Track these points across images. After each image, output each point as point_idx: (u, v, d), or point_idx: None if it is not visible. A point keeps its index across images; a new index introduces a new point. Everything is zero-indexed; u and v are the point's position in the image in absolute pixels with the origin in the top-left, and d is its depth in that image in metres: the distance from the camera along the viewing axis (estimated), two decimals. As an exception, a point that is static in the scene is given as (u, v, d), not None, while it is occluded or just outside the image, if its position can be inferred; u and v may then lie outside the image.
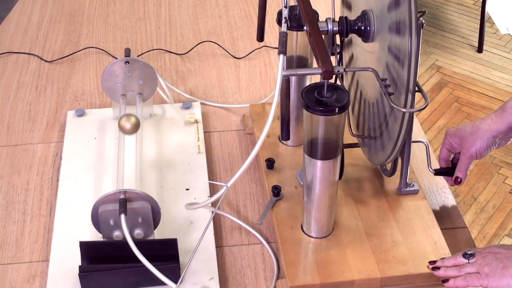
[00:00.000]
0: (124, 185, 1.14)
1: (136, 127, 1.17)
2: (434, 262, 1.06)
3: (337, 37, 1.13)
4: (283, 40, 0.98)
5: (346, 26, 1.10)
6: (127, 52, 1.30)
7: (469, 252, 1.02)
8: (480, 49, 3.22)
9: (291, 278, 1.05)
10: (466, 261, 1.02)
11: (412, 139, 1.14)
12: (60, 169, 1.29)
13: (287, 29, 1.06)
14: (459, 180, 1.18)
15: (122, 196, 1.06)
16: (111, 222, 1.06)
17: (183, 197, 1.22)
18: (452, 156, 1.22)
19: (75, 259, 1.10)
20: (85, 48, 1.65)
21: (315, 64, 1.10)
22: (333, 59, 1.08)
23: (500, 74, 3.07)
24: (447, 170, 1.22)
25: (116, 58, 1.53)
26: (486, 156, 1.18)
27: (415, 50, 0.97)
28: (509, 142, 1.19)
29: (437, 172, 1.22)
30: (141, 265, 1.03)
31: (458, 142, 1.18)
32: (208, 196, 1.23)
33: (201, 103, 1.46)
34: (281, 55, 0.96)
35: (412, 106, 1.01)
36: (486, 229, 2.36)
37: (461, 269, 1.02)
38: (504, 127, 1.15)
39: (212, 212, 1.12)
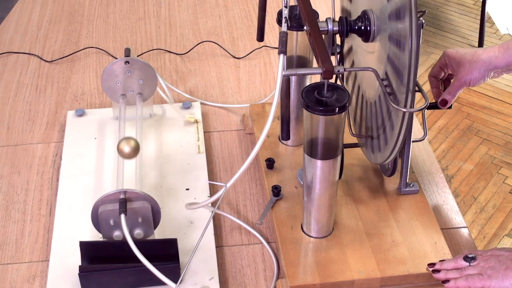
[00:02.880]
0: (124, 185, 1.14)
1: (135, 151, 1.11)
2: (434, 264, 1.05)
3: (337, 37, 1.13)
4: (283, 40, 0.98)
5: (346, 26, 1.10)
6: (127, 52, 1.30)
7: (470, 255, 1.02)
8: (480, 49, 3.22)
9: (291, 278, 1.05)
10: (467, 264, 1.02)
11: (412, 139, 1.14)
12: (60, 169, 1.29)
13: (287, 29, 1.06)
14: (445, 101, 1.17)
15: (122, 196, 1.06)
16: (111, 222, 1.06)
17: (183, 197, 1.22)
18: (442, 75, 1.21)
19: (75, 259, 1.10)
20: (85, 48, 1.65)
21: (315, 64, 1.10)
22: (333, 59, 1.08)
23: (500, 74, 3.07)
24: (437, 105, 1.21)
25: (116, 58, 1.53)
26: (484, 154, 1.18)
27: (415, 50, 0.97)
28: (501, 75, 1.19)
29: (430, 106, 1.20)
30: (141, 265, 1.03)
31: (455, 66, 1.17)
32: (208, 196, 1.23)
33: (201, 103, 1.46)
34: (281, 55, 0.96)
35: (412, 106, 1.01)
36: (486, 229, 2.36)
37: (462, 272, 1.01)
38: (502, 64, 1.15)
39: (212, 212, 1.12)
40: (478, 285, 0.99)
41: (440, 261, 1.06)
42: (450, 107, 1.19)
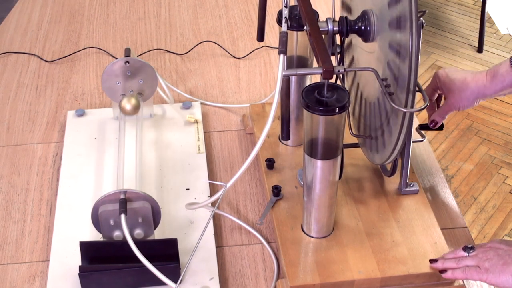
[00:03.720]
0: (124, 185, 1.14)
1: (136, 108, 1.25)
2: (436, 260, 1.06)
3: (338, 37, 1.13)
4: (283, 40, 0.98)
5: (346, 26, 1.10)
6: (127, 52, 1.30)
7: (469, 246, 1.03)
8: (480, 49, 3.22)
9: (291, 278, 1.05)
10: (466, 254, 1.02)
11: (412, 139, 1.14)
12: (60, 169, 1.29)
13: (287, 29, 1.06)
14: (436, 122, 1.23)
15: (122, 196, 1.06)
16: (111, 222, 1.06)
17: (183, 197, 1.22)
18: (436, 95, 1.25)
19: (75, 259, 1.10)
20: (85, 48, 1.65)
21: (315, 64, 1.10)
22: (333, 59, 1.08)
23: (500, 74, 3.07)
24: (430, 128, 1.26)
25: (116, 58, 1.53)
26: (484, 154, 1.21)
27: (415, 50, 0.97)
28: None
29: (421, 127, 1.27)
30: (141, 265, 1.03)
31: (445, 90, 1.21)
32: (208, 196, 1.23)
33: (201, 103, 1.46)
34: (281, 55, 0.96)
35: (412, 106, 1.01)
36: (486, 229, 2.36)
37: (460, 262, 1.02)
38: (491, 93, 1.17)
39: (211, 212, 1.12)
40: (475, 277, 0.99)
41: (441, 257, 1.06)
42: (441, 128, 1.25)
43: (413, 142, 1.14)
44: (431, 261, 1.05)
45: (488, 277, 0.97)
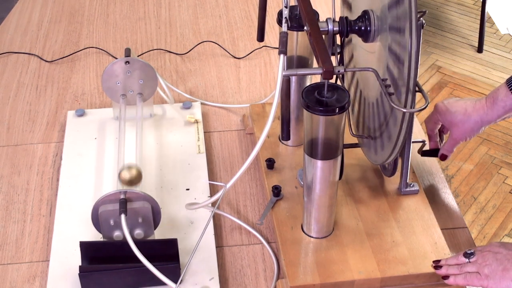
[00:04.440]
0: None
1: (137, 178, 1.12)
2: (438, 261, 1.06)
3: (338, 37, 1.13)
4: (283, 40, 0.98)
5: (346, 26, 1.10)
6: (127, 52, 1.30)
7: (469, 251, 1.03)
8: (480, 49, 3.22)
9: (291, 278, 1.05)
10: (467, 260, 1.02)
11: (412, 139, 1.14)
12: (60, 169, 1.29)
13: (288, 29, 1.06)
14: (445, 156, 1.23)
15: (122, 196, 1.06)
16: (111, 222, 1.06)
17: (183, 197, 1.22)
18: (438, 127, 1.25)
19: (75, 259, 1.10)
20: (85, 48, 1.65)
21: (315, 64, 1.10)
22: (334, 59, 1.08)
23: (500, 74, 3.07)
24: (433, 152, 1.26)
25: (116, 58, 1.53)
26: (484, 154, 1.21)
27: (415, 50, 0.97)
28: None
29: (424, 154, 1.26)
30: (141, 265, 1.03)
31: (447, 124, 1.21)
32: (208, 196, 1.23)
33: (201, 103, 1.46)
34: (282, 55, 0.96)
35: (412, 106, 1.01)
36: (486, 229, 2.36)
37: (461, 268, 1.02)
38: (494, 119, 1.17)
39: (211, 212, 1.12)
40: (476, 284, 0.99)
41: (444, 259, 1.06)
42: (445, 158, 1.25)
43: (413, 142, 1.14)
44: (436, 267, 1.05)
45: (489, 284, 0.97)
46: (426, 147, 1.28)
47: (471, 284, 1.00)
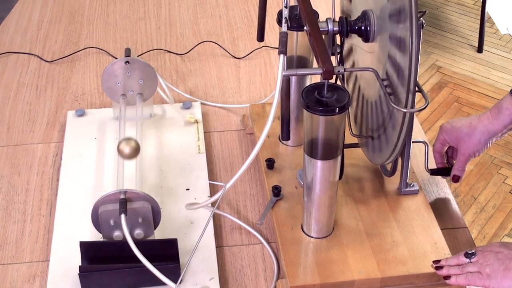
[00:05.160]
0: (124, 185, 1.14)
1: (136, 151, 1.10)
2: (438, 261, 1.06)
3: (338, 37, 1.13)
4: (283, 40, 0.98)
5: (346, 26, 1.10)
6: (127, 52, 1.30)
7: (470, 251, 1.03)
8: (480, 49, 3.22)
9: (291, 278, 1.05)
10: (468, 260, 1.02)
11: (412, 139, 1.14)
12: (60, 169, 1.29)
13: (287, 29, 1.06)
14: (457, 177, 1.20)
15: (122, 196, 1.06)
16: (111, 222, 1.06)
17: (183, 197, 1.22)
18: (445, 148, 1.23)
19: (75, 259, 1.10)
20: (85, 48, 1.65)
21: (315, 64, 1.10)
22: (333, 59, 1.08)
23: (500, 74, 3.07)
24: (443, 171, 1.23)
25: (116, 58, 1.53)
26: (484, 154, 1.20)
27: (415, 50, 0.97)
28: (504, 136, 1.20)
29: (433, 172, 1.24)
30: (141, 265, 1.03)
31: (454, 140, 1.19)
32: (208, 196, 1.23)
33: (201, 103, 1.46)
34: (281, 55, 0.96)
35: (412, 106, 1.01)
36: (486, 229, 2.36)
37: (463, 269, 1.02)
38: (500, 128, 1.16)
39: (211, 212, 1.12)
40: (478, 283, 0.99)
41: (445, 259, 1.06)
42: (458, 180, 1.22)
43: (413, 142, 1.14)
44: (437, 268, 1.05)
45: (491, 283, 0.98)
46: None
47: (473, 283, 1.00)
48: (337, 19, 1.11)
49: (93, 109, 1.43)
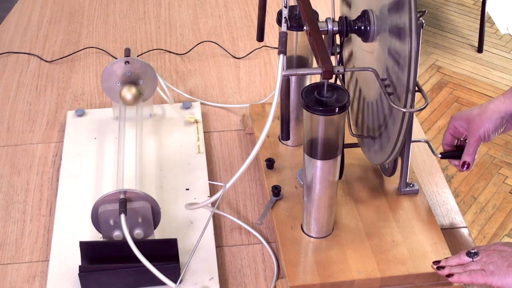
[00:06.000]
0: (124, 185, 1.14)
1: (137, 98, 1.25)
2: (438, 262, 1.06)
3: (337, 37, 1.13)
4: (283, 40, 0.98)
5: (346, 26, 1.10)
6: (127, 52, 1.30)
7: (473, 251, 1.03)
8: (480, 49, 3.22)
9: (291, 278, 1.05)
10: (470, 259, 1.02)
11: (412, 139, 1.13)
12: (60, 169, 1.29)
13: (287, 29, 1.06)
14: (466, 164, 1.14)
15: (122, 196, 1.06)
16: (111, 222, 1.06)
17: (183, 197, 1.22)
18: (456, 141, 1.18)
19: (75, 259, 1.10)
20: (85, 48, 1.65)
21: (315, 64, 1.10)
22: (333, 59, 1.08)
23: (500, 74, 3.07)
24: (454, 153, 1.17)
25: (116, 58, 1.53)
26: (484, 154, 1.18)
27: (415, 50, 0.97)
28: None
29: (444, 156, 1.18)
30: (141, 265, 1.03)
31: (465, 125, 1.14)
32: (208, 196, 1.23)
33: (201, 103, 1.46)
34: (281, 55, 0.96)
35: (412, 106, 1.01)
36: (486, 229, 2.36)
37: (465, 268, 1.02)
38: None
39: (211, 212, 1.12)
40: (480, 281, 0.99)
41: (445, 258, 1.06)
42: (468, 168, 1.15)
43: (413, 142, 1.14)
44: (438, 268, 1.05)
45: (494, 280, 0.98)
46: (426, 144, 1.27)
47: (476, 281, 1.00)
48: (336, 19, 1.11)
49: (93, 109, 1.43)
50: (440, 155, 1.17)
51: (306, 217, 1.11)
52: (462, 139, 1.18)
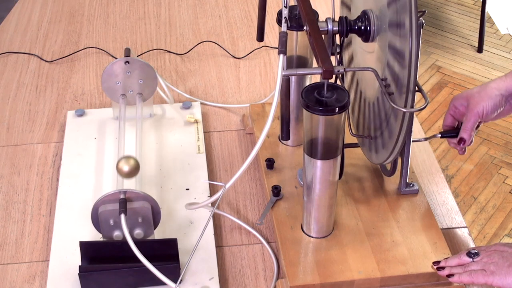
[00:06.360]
0: (124, 185, 1.14)
1: (135, 170, 1.08)
2: (438, 262, 1.06)
3: (337, 37, 1.13)
4: (283, 40, 0.98)
5: (346, 26, 1.10)
6: (127, 52, 1.30)
7: (474, 251, 1.03)
8: (480, 49, 3.22)
9: (291, 278, 1.05)
10: (471, 260, 1.02)
11: (412, 139, 1.13)
12: (60, 169, 1.29)
13: (287, 29, 1.06)
14: (463, 140, 1.13)
15: (122, 196, 1.06)
16: (111, 222, 1.06)
17: (183, 197, 1.22)
18: (456, 123, 1.18)
19: (75, 259, 1.10)
20: (85, 48, 1.65)
21: (315, 64, 1.10)
22: (333, 59, 1.08)
23: (500, 74, 3.07)
24: (453, 132, 1.17)
25: (116, 58, 1.53)
26: (484, 154, 1.17)
27: (415, 50, 0.97)
28: None
29: (443, 135, 1.17)
30: (141, 265, 1.03)
31: (465, 103, 1.14)
32: (208, 196, 1.23)
33: (201, 103, 1.46)
34: (281, 55, 0.96)
35: (412, 106, 1.01)
36: (486, 229, 2.36)
37: (465, 268, 1.02)
38: None
39: (211, 212, 1.12)
40: (481, 280, 0.99)
41: (445, 258, 1.06)
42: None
43: (413, 141, 1.14)
44: (438, 268, 1.05)
45: (494, 280, 0.98)
46: (426, 144, 1.27)
47: (476, 281, 1.00)
48: (336, 19, 1.11)
49: (93, 109, 1.43)
50: (439, 135, 1.17)
51: (306, 217, 1.11)
52: (462, 122, 1.17)
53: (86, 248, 1.06)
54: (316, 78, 1.05)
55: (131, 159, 1.08)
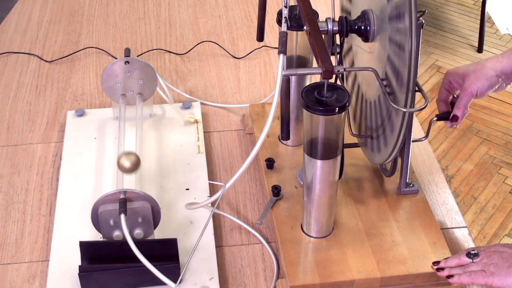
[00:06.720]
0: (124, 185, 1.14)
1: (136, 165, 1.08)
2: (438, 262, 1.06)
3: (337, 36, 1.13)
4: (283, 40, 0.98)
5: (346, 26, 1.10)
6: (127, 52, 1.30)
7: (473, 252, 1.02)
8: (480, 49, 3.22)
9: (291, 278, 1.05)
10: (470, 260, 1.02)
11: (412, 139, 1.13)
12: (60, 169, 1.29)
13: (287, 28, 1.06)
14: (456, 118, 1.13)
15: (122, 196, 1.06)
16: (111, 222, 1.06)
17: (183, 197, 1.22)
18: (451, 97, 1.18)
19: (75, 259, 1.10)
20: (85, 48, 1.65)
21: (315, 64, 1.10)
22: (333, 59, 1.08)
23: (500, 74, 3.07)
24: (449, 115, 1.16)
25: (116, 58, 1.53)
26: (484, 154, 1.17)
27: (415, 50, 0.97)
28: (509, 86, 1.15)
29: (439, 117, 1.17)
30: (141, 265, 1.03)
31: (460, 80, 1.14)
32: (208, 196, 1.23)
33: (201, 103, 1.46)
34: (281, 55, 0.96)
35: (412, 105, 1.01)
36: (486, 229, 2.36)
37: (465, 269, 1.02)
38: (509, 69, 1.11)
39: (211, 212, 1.12)
40: (481, 281, 0.99)
41: (444, 259, 1.06)
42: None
43: (413, 141, 1.14)
44: (438, 269, 1.05)
45: (494, 280, 0.97)
46: (426, 144, 1.27)
47: (476, 282, 1.00)
48: (336, 18, 1.11)
49: (92, 109, 1.43)
50: (435, 118, 1.16)
51: (306, 217, 1.11)
52: (455, 95, 1.18)
53: (86, 248, 1.06)
54: (316, 78, 1.05)
55: (132, 154, 1.08)
